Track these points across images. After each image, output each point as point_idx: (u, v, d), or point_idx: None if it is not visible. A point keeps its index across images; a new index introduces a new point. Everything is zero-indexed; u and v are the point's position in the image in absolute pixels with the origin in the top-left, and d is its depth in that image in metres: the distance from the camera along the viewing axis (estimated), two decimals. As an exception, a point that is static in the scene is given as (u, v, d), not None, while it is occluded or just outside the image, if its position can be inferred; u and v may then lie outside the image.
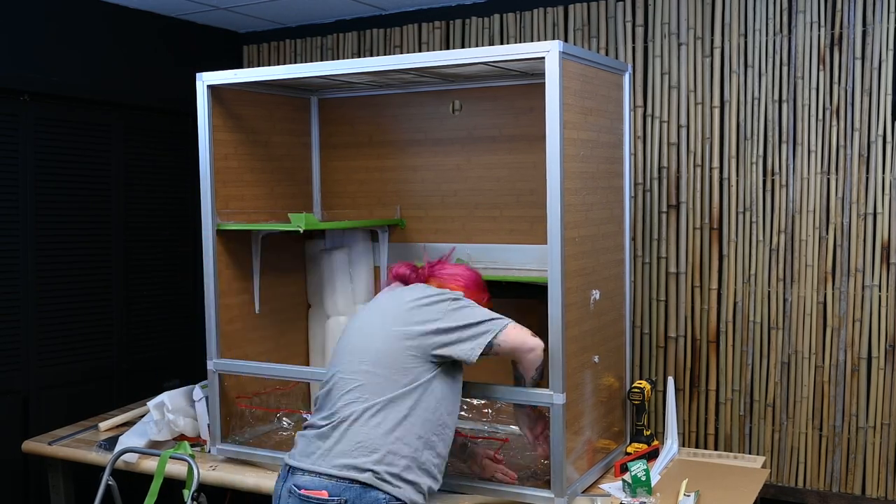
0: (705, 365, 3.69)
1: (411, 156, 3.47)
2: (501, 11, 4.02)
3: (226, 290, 3.15)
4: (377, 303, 2.64)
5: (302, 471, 2.36)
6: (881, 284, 3.37)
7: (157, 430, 3.22)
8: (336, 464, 2.32)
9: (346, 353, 2.50)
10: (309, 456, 2.38)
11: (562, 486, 2.58)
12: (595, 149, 2.77)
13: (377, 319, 2.52)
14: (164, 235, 4.38)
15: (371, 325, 2.51)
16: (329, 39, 4.47)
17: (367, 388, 2.38)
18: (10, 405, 3.75)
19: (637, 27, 3.74)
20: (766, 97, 3.52)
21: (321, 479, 2.31)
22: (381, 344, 2.43)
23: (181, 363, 4.43)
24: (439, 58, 2.75)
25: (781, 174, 3.51)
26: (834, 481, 3.50)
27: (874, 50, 3.32)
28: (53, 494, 3.44)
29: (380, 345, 2.43)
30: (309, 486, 2.32)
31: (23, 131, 3.75)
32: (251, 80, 3.07)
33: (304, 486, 2.33)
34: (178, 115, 4.35)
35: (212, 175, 3.08)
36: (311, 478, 2.33)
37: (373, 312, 2.58)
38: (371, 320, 2.54)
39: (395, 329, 2.43)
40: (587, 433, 2.79)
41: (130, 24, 4.17)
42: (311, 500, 2.30)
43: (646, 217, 3.75)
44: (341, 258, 3.47)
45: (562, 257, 2.52)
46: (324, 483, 2.30)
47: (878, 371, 3.39)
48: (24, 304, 3.77)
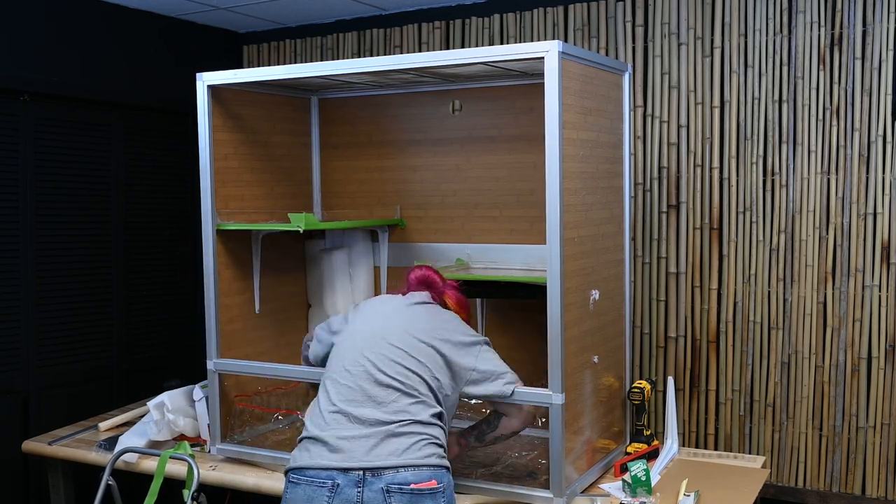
0: (705, 365, 3.68)
1: (411, 156, 3.47)
2: (501, 11, 4.02)
3: (226, 289, 3.15)
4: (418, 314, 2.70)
5: (394, 468, 2.35)
6: (881, 284, 3.37)
7: (157, 430, 3.22)
8: (427, 453, 2.39)
9: (385, 355, 2.54)
10: (395, 453, 2.37)
11: (561, 486, 2.58)
12: (594, 149, 2.77)
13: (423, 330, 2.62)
14: (164, 235, 4.38)
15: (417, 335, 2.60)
16: (329, 39, 4.47)
17: (422, 395, 2.49)
18: (10, 405, 3.75)
19: (637, 27, 3.74)
20: (766, 97, 3.52)
21: (422, 471, 2.35)
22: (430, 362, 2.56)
23: (181, 363, 4.43)
24: (439, 58, 2.75)
25: (781, 174, 3.51)
26: (834, 481, 3.50)
27: (874, 50, 3.32)
28: (53, 494, 3.44)
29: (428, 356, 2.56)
30: (415, 479, 2.33)
31: (23, 131, 3.75)
32: (251, 80, 3.07)
33: (410, 480, 2.33)
34: (178, 115, 4.35)
35: (212, 175, 3.08)
36: (412, 472, 2.34)
37: (416, 322, 2.65)
38: (417, 329, 2.62)
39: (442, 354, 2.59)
40: (586, 433, 2.79)
41: (130, 24, 4.17)
42: (425, 492, 2.33)
43: (646, 217, 3.74)
44: (341, 258, 3.47)
45: (561, 257, 2.52)
46: (428, 474, 2.36)
47: (878, 371, 3.39)
48: (24, 304, 3.77)
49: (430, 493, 2.34)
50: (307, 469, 2.39)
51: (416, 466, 2.35)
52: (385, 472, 2.33)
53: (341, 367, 2.55)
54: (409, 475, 2.33)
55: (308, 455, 2.42)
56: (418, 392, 2.47)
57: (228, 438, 3.14)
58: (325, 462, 2.38)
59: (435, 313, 2.71)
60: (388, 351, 2.54)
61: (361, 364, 2.52)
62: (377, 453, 2.36)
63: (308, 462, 2.40)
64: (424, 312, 2.69)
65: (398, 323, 2.64)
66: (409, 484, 2.32)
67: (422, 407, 2.45)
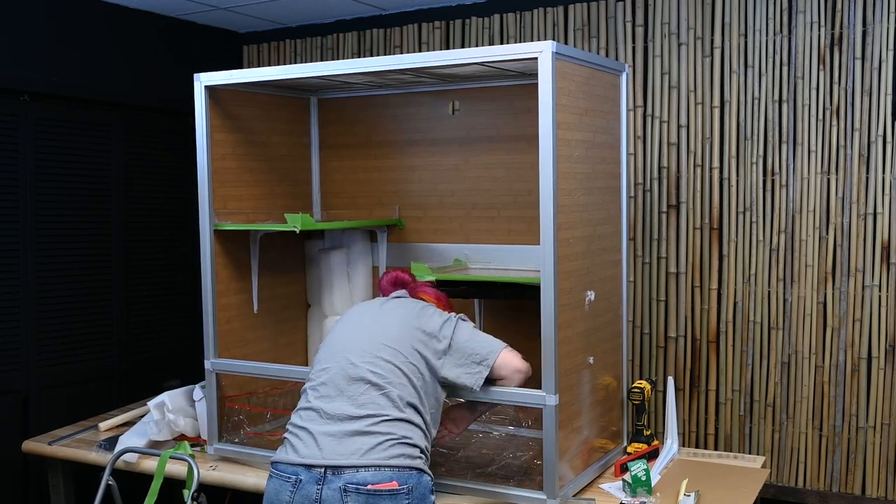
0: (705, 365, 3.68)
1: (410, 156, 3.47)
2: (501, 11, 4.01)
3: (224, 289, 3.15)
4: (390, 308, 2.69)
5: (354, 467, 2.33)
6: (881, 284, 3.36)
7: (157, 430, 3.23)
8: (393, 454, 2.36)
9: (360, 348, 2.55)
10: (358, 452, 2.36)
11: (554, 487, 2.58)
12: (591, 149, 2.76)
13: (395, 323, 2.61)
14: (164, 235, 4.39)
15: (390, 327, 2.59)
16: (329, 39, 4.47)
17: (395, 385, 2.46)
18: (10, 405, 3.76)
19: (637, 27, 3.73)
20: (766, 97, 3.51)
21: (383, 472, 2.33)
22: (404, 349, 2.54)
23: (181, 363, 4.44)
24: (435, 58, 2.74)
25: (781, 174, 3.50)
26: (834, 481, 3.49)
27: (874, 50, 3.31)
28: (53, 494, 3.45)
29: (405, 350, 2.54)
30: (373, 480, 2.32)
31: (23, 131, 3.76)
32: (249, 81, 3.07)
33: (368, 481, 2.31)
34: (177, 115, 4.35)
35: (209, 175, 3.08)
36: (372, 473, 2.32)
37: (389, 316, 2.65)
38: (389, 323, 2.61)
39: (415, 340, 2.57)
40: (583, 434, 2.78)
41: (130, 24, 4.18)
42: (383, 493, 2.31)
43: (646, 217, 3.74)
44: (340, 258, 3.47)
45: (555, 258, 2.52)
46: (389, 475, 2.33)
47: (878, 371, 3.38)
48: (24, 304, 3.78)
49: (390, 495, 2.31)
50: (279, 463, 2.44)
51: (378, 467, 2.33)
52: (345, 470, 2.33)
53: (319, 367, 2.58)
54: (367, 475, 2.31)
55: (283, 450, 2.47)
56: (392, 385, 2.45)
57: (224, 439, 3.14)
58: (292, 457, 2.42)
59: (410, 303, 2.72)
60: (363, 344, 2.55)
61: (338, 361, 2.54)
62: (340, 451, 2.36)
63: (281, 457, 2.45)
64: (400, 305, 2.70)
65: (374, 319, 2.65)
66: (367, 484, 2.31)
67: (394, 402, 2.43)
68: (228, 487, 3.07)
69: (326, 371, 2.54)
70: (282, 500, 2.38)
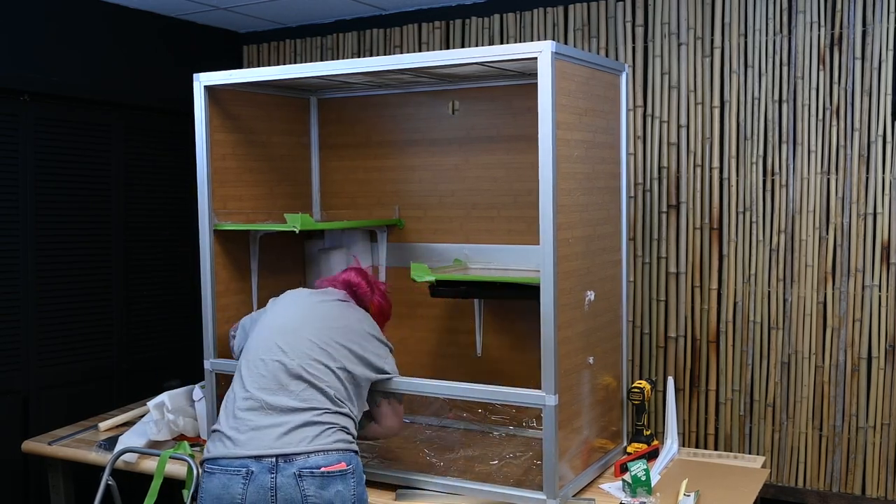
0: (705, 365, 3.68)
1: (410, 156, 3.47)
2: (501, 11, 4.01)
3: (223, 290, 3.15)
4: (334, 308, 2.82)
5: (305, 454, 2.43)
6: (881, 284, 3.36)
7: (157, 430, 3.23)
8: (335, 439, 2.49)
9: (298, 340, 2.65)
10: (306, 440, 2.46)
11: (554, 487, 2.58)
12: (590, 149, 2.76)
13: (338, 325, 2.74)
14: (164, 235, 4.39)
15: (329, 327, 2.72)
16: (329, 39, 4.47)
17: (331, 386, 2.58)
18: (10, 405, 3.76)
19: (637, 27, 3.73)
20: (766, 97, 3.51)
21: (331, 455, 2.45)
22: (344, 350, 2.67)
23: (181, 363, 4.44)
24: (435, 58, 2.74)
25: (781, 174, 3.50)
26: (834, 481, 3.49)
27: (874, 50, 3.31)
28: (53, 494, 3.45)
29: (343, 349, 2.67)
30: (325, 463, 2.43)
31: (23, 131, 3.76)
32: (248, 81, 3.07)
33: (321, 464, 2.43)
34: (178, 115, 4.35)
35: (209, 175, 3.08)
36: (322, 457, 2.44)
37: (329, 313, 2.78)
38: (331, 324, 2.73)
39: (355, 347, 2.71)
40: (582, 434, 2.78)
41: (130, 24, 4.18)
42: (335, 474, 2.43)
43: (646, 217, 3.74)
44: (339, 258, 3.47)
45: (554, 258, 2.52)
46: (337, 457, 2.45)
47: (878, 371, 3.38)
48: (24, 304, 3.78)
49: (340, 475, 2.43)
50: (220, 458, 2.47)
51: (326, 451, 2.45)
52: (296, 457, 2.42)
53: (256, 357, 2.65)
54: (319, 459, 2.43)
55: (223, 445, 2.50)
56: (328, 385, 2.57)
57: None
58: (238, 451, 2.46)
59: (349, 311, 2.82)
60: (301, 344, 2.63)
61: (275, 354, 2.62)
62: (287, 441, 2.45)
63: (223, 452, 2.48)
64: (338, 309, 2.80)
65: (313, 317, 2.75)
66: (320, 468, 2.42)
67: (330, 399, 2.55)
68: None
69: (263, 362, 2.62)
70: (233, 493, 2.42)
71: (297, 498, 2.39)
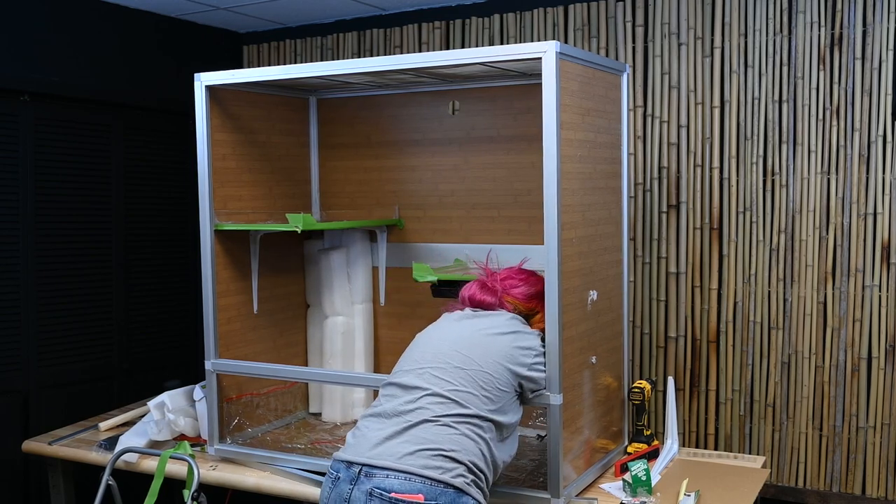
0: (705, 365, 3.68)
1: (409, 156, 3.47)
2: (501, 11, 4.01)
3: (224, 290, 3.15)
4: (469, 324, 2.59)
5: (385, 471, 2.22)
6: (881, 284, 3.36)
7: (157, 430, 3.23)
8: (430, 465, 2.22)
9: (431, 355, 2.47)
10: (393, 455, 2.24)
11: (558, 487, 2.58)
12: (593, 149, 2.76)
13: (474, 338, 2.50)
14: (164, 235, 4.38)
15: (466, 341, 2.49)
16: (329, 39, 4.47)
17: (458, 395, 2.35)
18: (10, 405, 3.76)
19: (637, 27, 3.73)
20: (766, 97, 3.51)
21: (413, 482, 2.19)
22: (481, 363, 2.43)
23: (181, 363, 4.44)
24: (437, 58, 2.74)
25: (781, 174, 3.50)
26: (834, 481, 3.49)
27: (874, 50, 3.32)
28: (53, 494, 3.44)
29: (480, 363, 2.43)
30: (399, 489, 2.18)
31: (23, 131, 3.76)
32: (249, 81, 3.07)
33: (394, 488, 2.19)
34: (178, 115, 4.35)
35: (210, 175, 3.08)
36: (401, 481, 2.19)
37: (467, 325, 2.57)
38: (465, 338, 2.51)
39: (497, 358, 2.45)
40: (585, 433, 2.78)
41: (130, 24, 4.17)
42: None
43: (646, 217, 3.74)
44: (339, 258, 3.47)
45: (559, 258, 2.52)
46: (418, 486, 2.19)
47: (878, 371, 3.39)
48: (24, 304, 3.78)
49: None
50: (333, 460, 2.37)
51: (410, 475, 2.19)
52: (377, 474, 2.22)
53: (396, 369, 2.52)
54: (396, 483, 2.19)
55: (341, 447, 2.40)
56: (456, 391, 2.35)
57: (228, 439, 3.14)
58: (339, 454, 2.35)
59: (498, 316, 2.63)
60: (440, 348, 2.48)
61: (412, 366, 2.47)
62: (380, 451, 2.26)
63: (335, 454, 2.38)
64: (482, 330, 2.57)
65: (453, 329, 2.59)
66: (391, 492, 2.18)
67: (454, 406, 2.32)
68: (229, 487, 3.07)
69: (398, 374, 2.47)
70: (323, 495, 2.33)
71: None
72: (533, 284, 2.72)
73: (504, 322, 2.57)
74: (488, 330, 2.52)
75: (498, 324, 2.56)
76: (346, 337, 3.47)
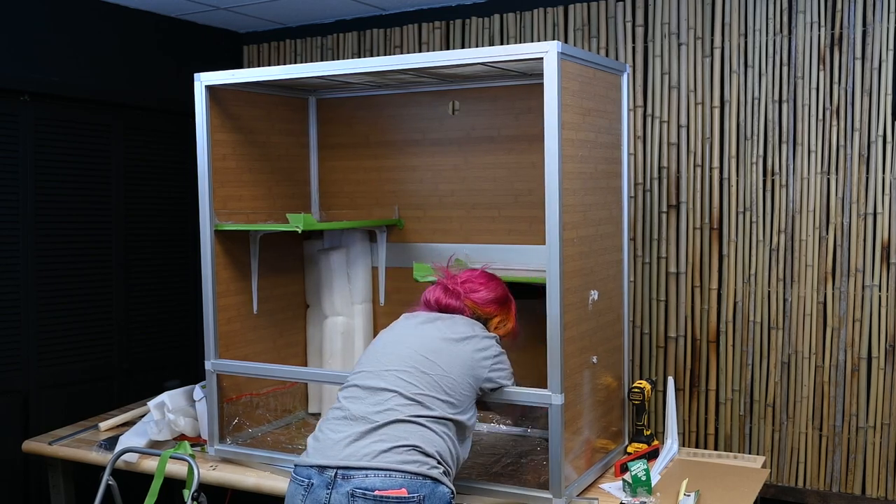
0: (705, 365, 3.68)
1: (409, 156, 3.46)
2: (501, 11, 4.01)
3: (224, 290, 3.15)
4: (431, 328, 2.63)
5: (364, 470, 2.26)
6: (881, 284, 3.36)
7: (157, 429, 3.23)
8: (406, 459, 2.28)
9: (397, 357, 2.51)
10: (370, 455, 2.29)
11: (560, 486, 2.58)
12: (593, 149, 2.77)
13: (437, 343, 2.55)
14: (164, 235, 4.38)
15: (430, 346, 2.54)
16: (329, 39, 4.47)
17: (424, 398, 2.41)
18: (10, 405, 3.76)
19: (637, 27, 3.74)
20: (766, 97, 3.51)
21: (393, 478, 2.25)
22: (445, 368, 2.49)
23: (181, 363, 4.44)
24: (438, 58, 2.74)
25: (781, 174, 3.50)
26: (834, 481, 3.49)
27: (874, 50, 3.32)
28: (53, 494, 3.44)
29: (444, 369, 2.49)
30: (381, 486, 2.23)
31: (23, 131, 3.75)
32: (249, 81, 3.07)
33: (376, 486, 2.23)
34: (178, 115, 4.35)
35: (209, 175, 3.08)
36: (381, 478, 2.24)
37: (429, 330, 2.61)
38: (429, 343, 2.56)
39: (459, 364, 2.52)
40: (585, 433, 2.78)
41: (130, 24, 4.17)
42: (391, 500, 2.22)
43: (646, 217, 3.74)
44: (339, 258, 3.47)
45: (560, 258, 2.52)
46: (399, 481, 2.24)
47: (878, 371, 3.39)
48: (24, 304, 3.78)
49: (398, 503, 2.22)
50: (297, 466, 2.40)
51: (389, 471, 2.25)
52: (355, 475, 2.26)
53: (355, 372, 2.56)
54: (377, 481, 2.23)
55: (305, 452, 2.43)
56: (422, 393, 2.41)
57: (228, 440, 3.14)
58: (306, 459, 2.37)
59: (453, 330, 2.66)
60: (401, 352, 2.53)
61: (373, 366, 2.52)
62: (353, 453, 2.30)
63: (298, 459, 2.41)
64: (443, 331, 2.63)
65: (416, 332, 2.63)
66: (374, 490, 2.22)
67: (419, 408, 2.39)
68: (228, 487, 3.07)
69: (361, 374, 2.52)
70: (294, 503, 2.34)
71: None
72: (493, 290, 2.77)
73: (463, 327, 2.62)
74: (450, 335, 2.57)
75: (458, 329, 2.60)
76: (345, 337, 3.47)
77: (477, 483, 2.74)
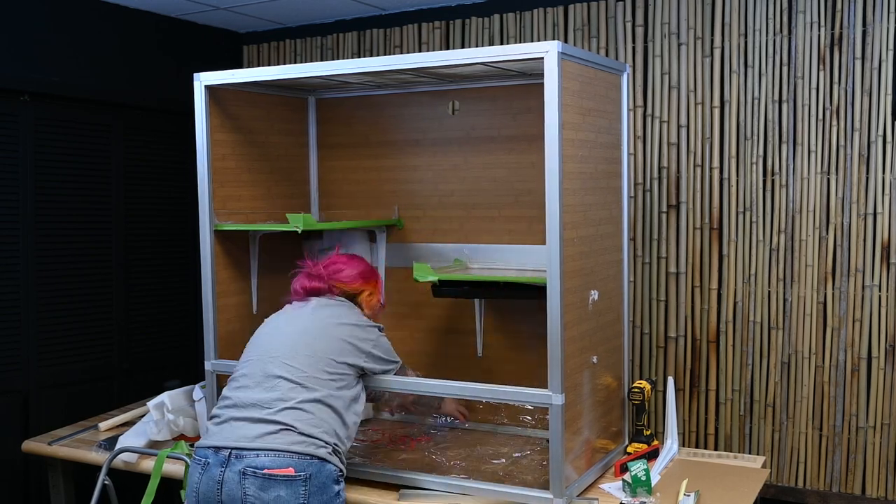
0: (705, 365, 3.68)
1: (409, 156, 3.46)
2: (501, 11, 4.01)
3: (223, 290, 3.15)
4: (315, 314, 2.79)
5: (255, 451, 2.44)
6: (881, 284, 3.36)
7: (156, 429, 3.23)
8: (294, 440, 2.46)
9: (280, 344, 2.68)
10: (261, 437, 2.46)
11: (560, 487, 2.58)
12: (593, 149, 2.77)
13: (314, 324, 2.74)
14: (164, 235, 4.38)
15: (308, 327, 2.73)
16: (329, 39, 4.47)
17: (308, 380, 2.58)
18: (10, 405, 3.76)
19: (637, 27, 3.73)
20: (766, 97, 3.51)
21: (282, 457, 2.42)
22: (324, 346, 2.66)
23: (181, 363, 4.44)
24: (438, 58, 2.74)
25: (781, 174, 3.50)
26: (834, 481, 3.49)
27: (874, 50, 3.32)
28: (53, 494, 3.44)
29: (323, 347, 2.66)
30: (270, 465, 2.41)
31: (23, 131, 3.75)
32: (249, 81, 3.07)
33: (266, 465, 2.41)
34: (177, 115, 4.35)
35: (209, 175, 3.08)
36: (270, 457, 2.42)
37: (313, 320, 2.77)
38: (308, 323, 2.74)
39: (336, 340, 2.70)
40: (585, 433, 2.78)
41: (130, 24, 4.17)
42: (279, 478, 2.40)
43: (646, 217, 3.74)
44: (339, 258, 3.47)
45: (560, 258, 2.52)
46: (287, 461, 2.42)
47: (878, 371, 3.39)
48: (24, 304, 3.78)
49: (286, 481, 2.41)
50: (196, 447, 2.58)
51: (278, 452, 2.43)
52: (247, 455, 2.44)
53: (243, 361, 2.74)
54: (266, 460, 2.42)
55: (204, 436, 2.61)
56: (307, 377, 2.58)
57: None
58: (205, 441, 2.55)
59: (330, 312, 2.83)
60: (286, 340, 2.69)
61: (260, 356, 2.69)
62: (245, 434, 2.48)
63: (198, 442, 2.59)
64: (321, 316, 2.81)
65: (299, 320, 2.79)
66: (264, 469, 2.41)
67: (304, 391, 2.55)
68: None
69: (248, 364, 2.68)
70: (192, 482, 2.51)
71: (238, 496, 2.41)
72: (355, 266, 2.95)
73: (345, 312, 2.80)
74: (332, 319, 2.75)
75: (340, 314, 2.78)
76: (346, 337, 3.46)
77: (477, 483, 2.74)
